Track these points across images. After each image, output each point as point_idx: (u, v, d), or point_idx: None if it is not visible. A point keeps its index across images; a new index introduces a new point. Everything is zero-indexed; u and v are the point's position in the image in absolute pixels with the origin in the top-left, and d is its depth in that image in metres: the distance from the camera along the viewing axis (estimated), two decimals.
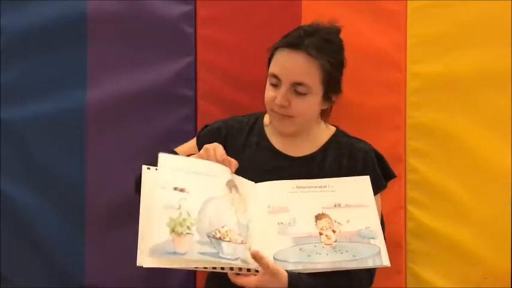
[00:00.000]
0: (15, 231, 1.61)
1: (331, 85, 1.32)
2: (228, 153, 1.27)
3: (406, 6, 1.63)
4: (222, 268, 1.15)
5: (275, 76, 1.30)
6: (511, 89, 1.61)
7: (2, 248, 1.61)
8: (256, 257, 1.16)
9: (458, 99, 1.63)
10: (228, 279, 1.18)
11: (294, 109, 1.31)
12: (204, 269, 1.14)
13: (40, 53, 1.61)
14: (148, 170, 1.20)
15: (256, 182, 1.30)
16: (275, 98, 1.30)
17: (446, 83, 1.63)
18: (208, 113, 1.64)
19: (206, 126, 1.48)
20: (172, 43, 1.63)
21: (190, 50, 1.64)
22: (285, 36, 1.32)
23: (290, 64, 1.28)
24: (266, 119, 1.45)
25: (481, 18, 1.61)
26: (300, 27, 1.34)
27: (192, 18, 1.64)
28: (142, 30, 1.62)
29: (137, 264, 1.08)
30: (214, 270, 1.14)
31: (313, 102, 1.32)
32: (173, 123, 1.63)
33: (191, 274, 1.63)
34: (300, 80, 1.28)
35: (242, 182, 1.27)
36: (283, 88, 1.29)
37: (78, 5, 1.60)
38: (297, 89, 1.29)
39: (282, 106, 1.30)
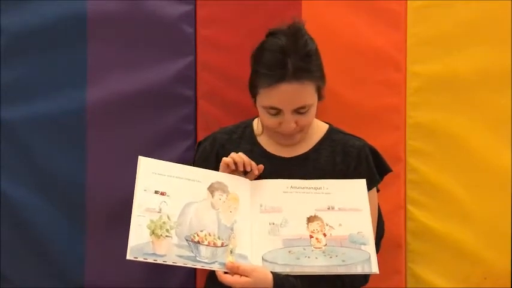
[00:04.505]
0: (15, 231, 1.61)
1: (322, 86, 1.33)
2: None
3: (406, 6, 1.63)
4: None
5: (274, 108, 1.29)
6: (511, 89, 1.61)
7: (2, 248, 1.61)
8: (232, 269, 1.18)
9: (458, 99, 1.63)
10: None
11: (301, 125, 1.32)
12: (185, 265, 1.17)
13: (40, 53, 1.61)
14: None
15: None
16: (279, 123, 1.31)
17: (446, 83, 1.63)
18: (208, 113, 1.64)
19: (199, 144, 1.49)
20: (172, 43, 1.62)
21: (190, 50, 1.64)
22: (263, 73, 1.28)
23: (287, 96, 1.27)
24: (256, 126, 1.45)
25: (481, 18, 1.62)
26: (269, 51, 1.29)
27: (192, 18, 1.64)
28: (142, 30, 1.62)
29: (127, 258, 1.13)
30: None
31: (314, 110, 1.33)
32: (173, 123, 1.63)
33: (191, 274, 1.63)
34: (302, 104, 1.28)
35: (235, 180, 1.29)
36: (287, 115, 1.29)
37: (78, 5, 1.60)
38: (300, 110, 1.29)
39: (292, 131, 1.31)
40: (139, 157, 1.23)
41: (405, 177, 1.64)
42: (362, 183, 1.30)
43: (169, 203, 1.20)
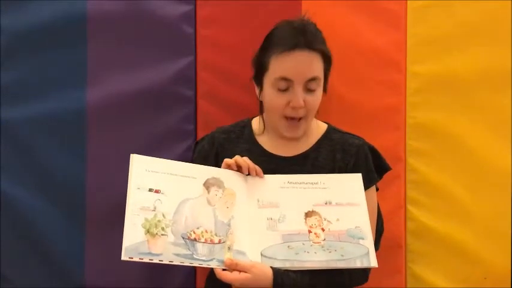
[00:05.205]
0: (15, 231, 1.60)
1: (327, 74, 1.34)
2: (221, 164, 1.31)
3: (406, 6, 1.63)
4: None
5: (285, 79, 1.29)
6: (511, 89, 1.61)
7: (2, 248, 1.61)
8: (231, 266, 1.17)
9: (458, 99, 1.63)
10: None
11: (308, 108, 1.31)
12: (181, 263, 1.15)
13: (40, 53, 1.61)
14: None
15: None
16: (288, 102, 1.30)
17: (446, 83, 1.63)
18: (208, 113, 1.64)
19: (196, 144, 1.49)
20: (172, 43, 1.62)
21: (190, 50, 1.64)
22: (276, 42, 1.31)
23: (299, 62, 1.28)
24: (255, 125, 1.45)
25: (481, 18, 1.62)
26: (281, 28, 1.34)
27: (192, 18, 1.64)
28: (142, 30, 1.62)
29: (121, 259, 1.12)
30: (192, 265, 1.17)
31: (320, 95, 1.33)
32: (173, 123, 1.63)
33: (191, 274, 1.63)
34: (314, 74, 1.29)
35: (231, 175, 1.28)
36: (298, 88, 1.29)
37: (78, 5, 1.60)
38: (310, 85, 1.30)
39: (301, 107, 1.30)
40: (132, 155, 1.22)
41: (405, 177, 1.64)
42: (358, 177, 1.30)
43: (164, 200, 1.18)
